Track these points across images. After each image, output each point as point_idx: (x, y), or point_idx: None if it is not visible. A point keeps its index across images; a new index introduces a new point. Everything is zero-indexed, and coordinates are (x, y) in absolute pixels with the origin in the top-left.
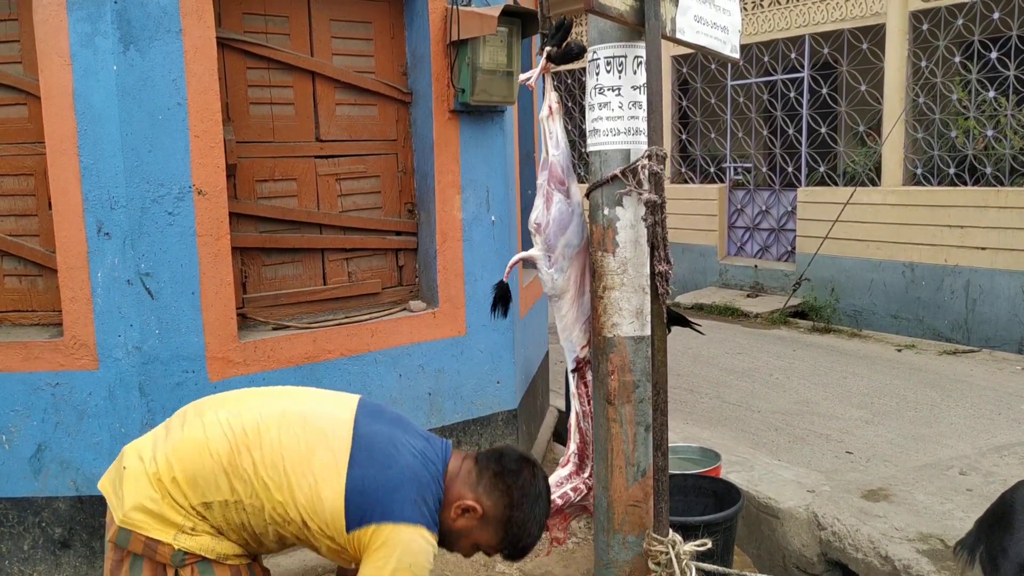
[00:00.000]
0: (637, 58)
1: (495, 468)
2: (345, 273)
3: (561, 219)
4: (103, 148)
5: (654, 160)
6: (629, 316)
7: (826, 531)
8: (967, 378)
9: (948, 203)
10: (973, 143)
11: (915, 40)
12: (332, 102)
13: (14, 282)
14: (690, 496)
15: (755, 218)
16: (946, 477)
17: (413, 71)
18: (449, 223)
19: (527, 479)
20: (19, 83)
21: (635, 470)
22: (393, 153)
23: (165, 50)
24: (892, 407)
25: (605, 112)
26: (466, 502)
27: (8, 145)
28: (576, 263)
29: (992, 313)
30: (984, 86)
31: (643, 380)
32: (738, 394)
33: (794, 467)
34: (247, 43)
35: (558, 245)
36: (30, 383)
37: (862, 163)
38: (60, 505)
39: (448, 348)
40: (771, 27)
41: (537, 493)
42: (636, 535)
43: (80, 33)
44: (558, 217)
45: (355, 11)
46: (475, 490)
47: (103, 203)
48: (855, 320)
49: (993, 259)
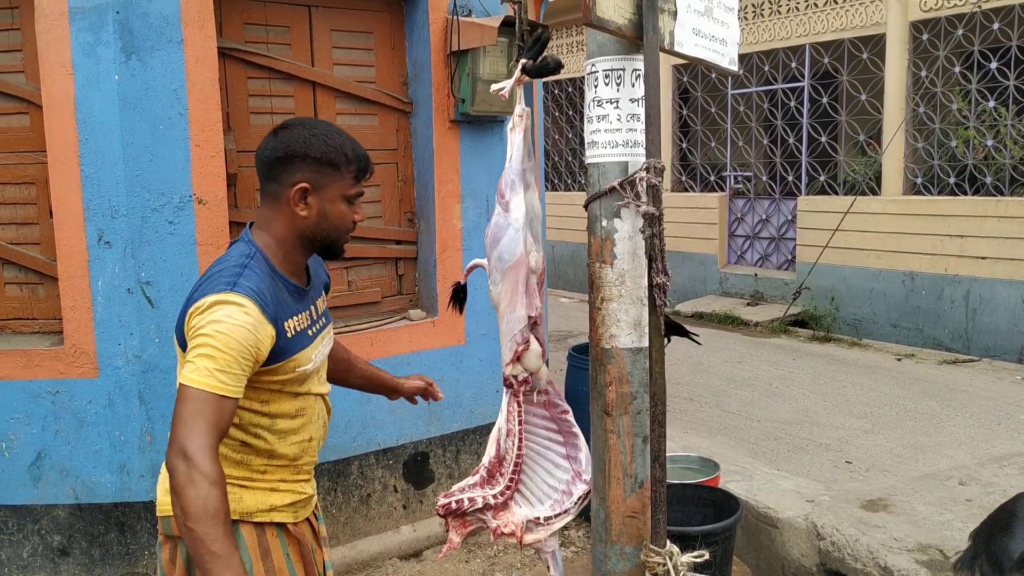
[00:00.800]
0: (635, 71)
1: (269, 160)
2: (345, 282)
3: (496, 232)
4: (104, 157)
5: (652, 173)
6: (627, 328)
7: (825, 541)
8: (967, 388)
9: (948, 213)
10: (973, 153)
11: (915, 50)
12: (333, 112)
13: (15, 290)
14: (689, 506)
15: (755, 227)
16: (946, 487)
17: (413, 81)
18: (449, 232)
19: (296, 124)
20: (21, 92)
21: (633, 481)
22: (393, 162)
23: (166, 60)
24: (892, 417)
25: (603, 124)
26: (291, 192)
27: (10, 154)
28: (508, 278)
29: (992, 323)
30: (984, 96)
31: (641, 391)
32: (738, 403)
33: (793, 477)
34: (248, 53)
35: (492, 257)
36: (30, 391)
37: (862, 172)
38: (59, 513)
39: (448, 357)
40: (771, 36)
41: (312, 123)
42: (634, 546)
43: (82, 43)
44: (493, 229)
45: (356, 21)
46: (281, 185)
47: (104, 212)
48: (855, 329)
49: (993, 269)
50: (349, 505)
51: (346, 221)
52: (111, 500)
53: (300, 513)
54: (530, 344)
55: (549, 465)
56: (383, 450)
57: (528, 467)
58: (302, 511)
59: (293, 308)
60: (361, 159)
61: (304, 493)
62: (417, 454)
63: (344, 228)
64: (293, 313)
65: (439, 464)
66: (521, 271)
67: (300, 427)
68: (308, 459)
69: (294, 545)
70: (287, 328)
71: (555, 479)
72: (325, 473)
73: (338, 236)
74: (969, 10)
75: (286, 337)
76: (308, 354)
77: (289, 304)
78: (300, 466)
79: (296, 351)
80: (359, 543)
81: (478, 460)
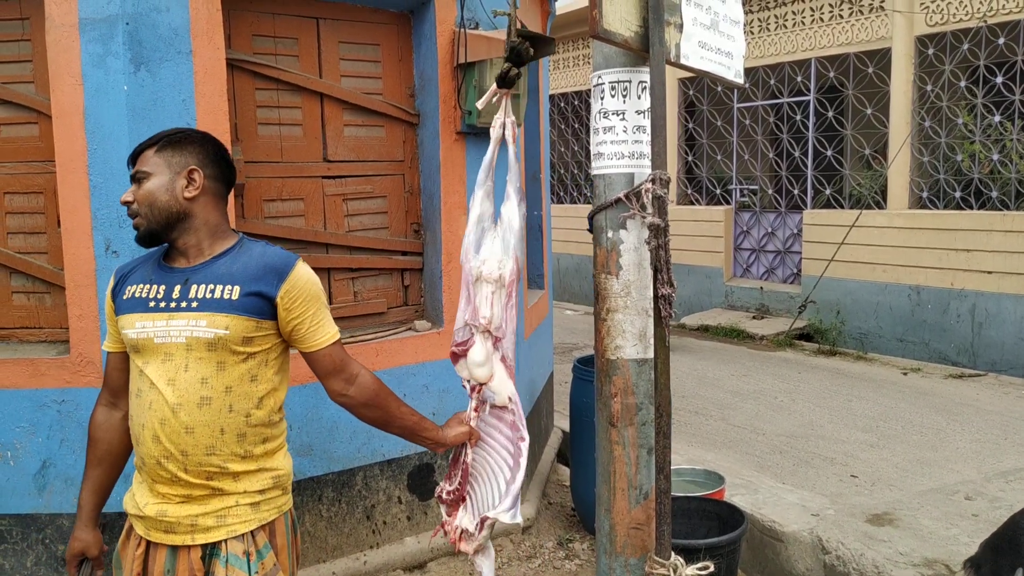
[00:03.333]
0: (641, 83)
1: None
2: (351, 292)
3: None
4: (112, 167)
5: (658, 184)
6: (632, 338)
7: (830, 555)
8: (973, 402)
9: (954, 227)
10: (979, 167)
11: (921, 64)
12: (340, 123)
13: (22, 299)
14: (694, 519)
15: (761, 240)
16: (952, 502)
17: (420, 93)
18: (455, 243)
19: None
20: (31, 102)
21: (637, 492)
22: (400, 174)
23: (175, 71)
24: (897, 431)
25: (609, 136)
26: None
27: (19, 163)
28: (465, 286)
29: (998, 337)
30: (990, 110)
31: (646, 402)
32: (743, 416)
33: (799, 490)
34: (256, 64)
35: None
36: (36, 400)
37: (868, 186)
38: (64, 522)
39: (452, 368)
40: (777, 50)
41: None
42: (638, 558)
43: (92, 53)
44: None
45: (364, 33)
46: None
47: (112, 221)
48: (861, 343)
49: (999, 283)
50: (353, 516)
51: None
52: (115, 510)
53: (151, 531)
54: (469, 348)
55: (494, 484)
56: (387, 461)
57: (478, 477)
58: (153, 531)
59: (145, 279)
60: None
61: (138, 504)
62: (421, 465)
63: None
64: (140, 282)
65: (443, 476)
66: (465, 275)
67: (136, 411)
68: (145, 453)
69: (139, 563)
70: (127, 291)
71: (493, 500)
72: (329, 484)
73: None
74: (975, 25)
75: (122, 298)
76: (132, 319)
77: (144, 275)
78: (142, 458)
79: (124, 311)
80: (363, 555)
81: None
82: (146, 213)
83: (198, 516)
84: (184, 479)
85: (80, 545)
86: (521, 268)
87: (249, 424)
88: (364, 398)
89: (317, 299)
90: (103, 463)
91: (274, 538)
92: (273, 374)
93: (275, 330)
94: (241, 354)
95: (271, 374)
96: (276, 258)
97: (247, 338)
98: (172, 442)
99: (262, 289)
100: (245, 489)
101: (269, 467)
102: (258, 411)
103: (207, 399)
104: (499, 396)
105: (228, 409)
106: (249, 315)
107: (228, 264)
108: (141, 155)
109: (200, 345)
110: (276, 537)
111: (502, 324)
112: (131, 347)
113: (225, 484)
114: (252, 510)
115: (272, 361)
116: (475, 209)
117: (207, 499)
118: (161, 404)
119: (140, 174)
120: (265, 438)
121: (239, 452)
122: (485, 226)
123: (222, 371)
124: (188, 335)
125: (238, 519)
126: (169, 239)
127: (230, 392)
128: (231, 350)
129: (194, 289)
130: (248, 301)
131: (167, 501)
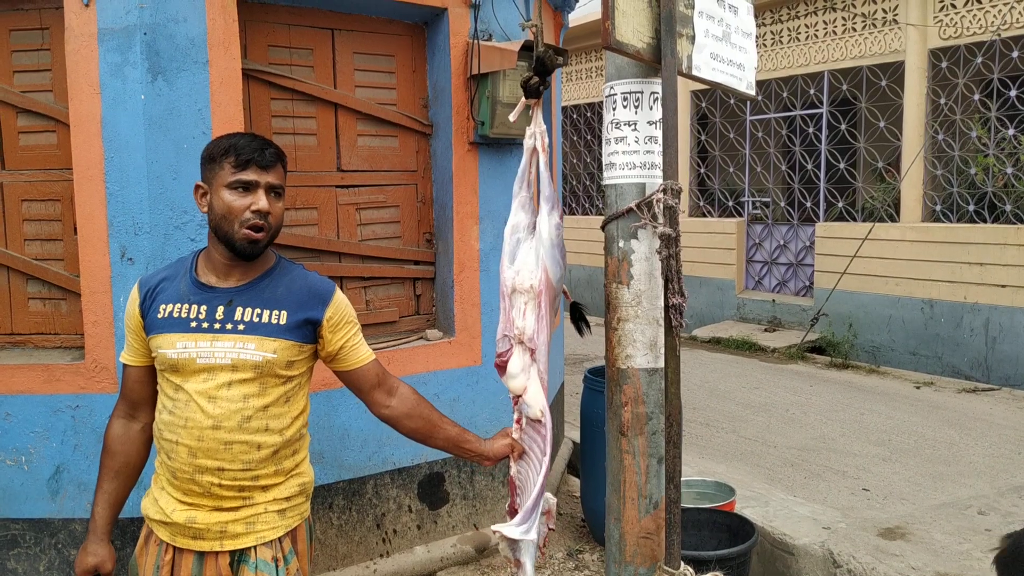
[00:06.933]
0: (653, 94)
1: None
2: (363, 301)
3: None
4: (129, 175)
5: (669, 194)
6: (643, 348)
7: (841, 569)
8: (986, 416)
9: (967, 240)
10: (992, 180)
11: (934, 77)
12: (354, 133)
13: (38, 305)
14: (704, 530)
15: (773, 252)
16: (964, 516)
17: (434, 104)
18: (467, 253)
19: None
20: (50, 111)
21: (647, 502)
22: (413, 184)
23: (192, 80)
24: (910, 445)
25: (621, 147)
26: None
27: (37, 171)
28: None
29: (1012, 351)
30: (1004, 124)
31: (656, 412)
32: (754, 429)
33: (810, 503)
34: (272, 74)
35: None
36: (50, 405)
37: (881, 199)
38: (77, 527)
39: (464, 377)
40: (790, 63)
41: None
42: (648, 567)
43: (110, 63)
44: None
45: (378, 45)
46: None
47: (127, 229)
48: (873, 356)
49: (1013, 297)
50: (363, 524)
51: (233, 210)
52: (128, 515)
53: (178, 537)
54: (509, 361)
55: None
56: (398, 470)
57: (523, 491)
58: (180, 537)
59: (181, 297)
60: (240, 149)
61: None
62: (432, 474)
63: (231, 217)
64: (177, 301)
65: (454, 485)
66: (501, 286)
67: (168, 425)
68: (178, 467)
69: (166, 570)
70: (161, 309)
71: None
72: (340, 492)
73: (228, 227)
74: (989, 38)
75: (156, 316)
76: (172, 339)
77: (179, 293)
78: (175, 472)
79: (161, 331)
80: (372, 563)
81: (493, 481)
82: (270, 229)
83: (228, 523)
84: (217, 492)
85: (95, 560)
86: (555, 279)
87: (283, 441)
88: (406, 408)
89: (354, 321)
90: (120, 476)
91: (296, 544)
92: (304, 395)
93: (312, 353)
94: (282, 377)
95: (302, 395)
96: (319, 284)
97: (291, 362)
98: (210, 457)
99: (309, 315)
100: (274, 497)
101: (296, 475)
102: (290, 429)
103: (247, 418)
104: (532, 409)
105: (265, 428)
106: (295, 340)
107: (272, 287)
108: (275, 168)
109: (246, 367)
110: (298, 543)
111: (534, 335)
112: (168, 366)
113: (256, 494)
114: (279, 517)
115: (305, 383)
116: (510, 220)
117: (237, 508)
118: (200, 420)
119: (279, 189)
120: (295, 451)
121: (273, 467)
122: (520, 236)
123: (263, 392)
124: (235, 357)
125: (267, 526)
126: (254, 255)
127: (267, 412)
128: (275, 373)
129: (239, 312)
130: (295, 326)
131: (196, 508)
